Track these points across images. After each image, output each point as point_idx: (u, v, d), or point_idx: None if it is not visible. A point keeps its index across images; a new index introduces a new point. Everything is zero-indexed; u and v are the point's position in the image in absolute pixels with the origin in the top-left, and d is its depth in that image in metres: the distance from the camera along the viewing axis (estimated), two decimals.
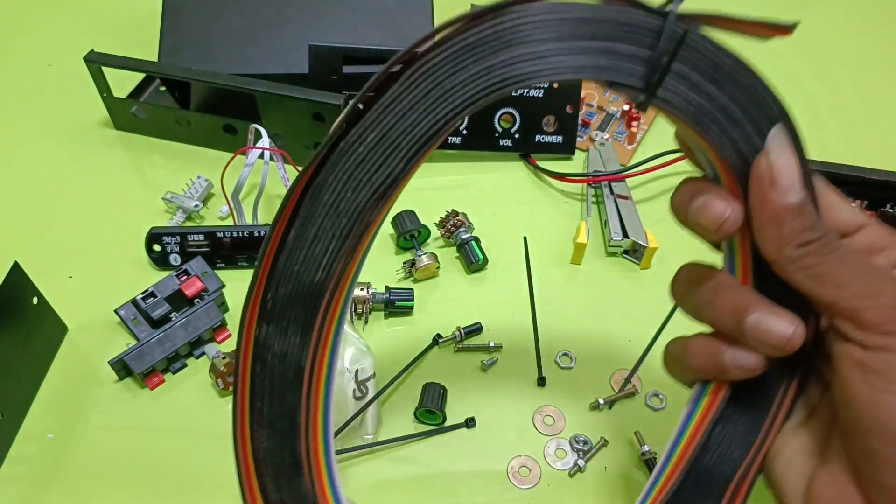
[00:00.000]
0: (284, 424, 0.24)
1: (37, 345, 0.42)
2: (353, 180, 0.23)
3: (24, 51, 0.64)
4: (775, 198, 0.23)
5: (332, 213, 0.23)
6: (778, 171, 0.23)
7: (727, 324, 0.25)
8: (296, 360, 0.24)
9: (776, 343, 0.23)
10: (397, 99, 0.23)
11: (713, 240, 0.26)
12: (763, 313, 0.23)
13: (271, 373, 0.24)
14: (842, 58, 0.64)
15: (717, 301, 0.25)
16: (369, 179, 0.23)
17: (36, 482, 0.38)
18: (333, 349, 0.25)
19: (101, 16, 0.67)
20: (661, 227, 0.50)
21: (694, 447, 0.26)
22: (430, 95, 0.22)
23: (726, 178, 0.24)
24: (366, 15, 0.55)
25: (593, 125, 0.57)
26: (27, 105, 0.59)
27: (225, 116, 0.53)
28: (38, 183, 0.53)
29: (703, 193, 0.24)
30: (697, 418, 0.26)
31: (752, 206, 0.23)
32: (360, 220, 0.23)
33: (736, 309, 0.24)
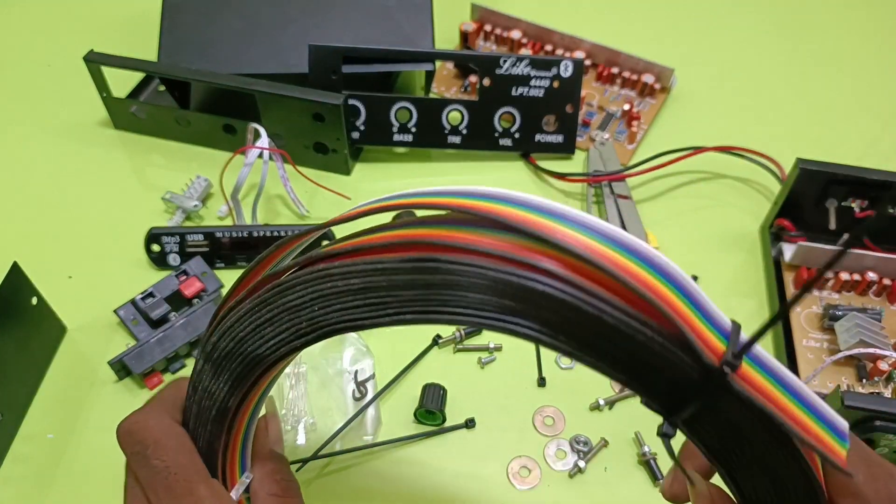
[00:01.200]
0: (204, 447, 0.24)
1: (36, 345, 0.42)
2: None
3: (23, 51, 0.64)
4: None
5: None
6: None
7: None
8: (222, 400, 0.23)
9: None
10: (250, 312, 0.21)
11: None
12: None
13: (199, 400, 0.24)
14: (842, 57, 0.64)
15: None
16: (229, 375, 0.23)
17: (35, 482, 0.38)
18: (260, 400, 0.25)
19: (100, 16, 0.67)
20: (662, 227, 0.50)
21: None
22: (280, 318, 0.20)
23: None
24: (366, 15, 0.54)
25: (593, 125, 0.57)
26: (27, 105, 0.59)
27: (224, 116, 0.53)
28: (37, 183, 0.53)
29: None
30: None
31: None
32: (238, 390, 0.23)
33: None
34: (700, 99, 0.60)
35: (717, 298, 0.46)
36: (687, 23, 0.67)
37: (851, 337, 0.41)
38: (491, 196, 0.18)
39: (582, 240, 0.16)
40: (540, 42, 0.60)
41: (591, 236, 0.17)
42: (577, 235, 0.16)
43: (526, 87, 0.52)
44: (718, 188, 0.53)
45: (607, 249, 0.16)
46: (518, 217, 0.17)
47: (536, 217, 0.17)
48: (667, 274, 0.17)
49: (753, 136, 0.54)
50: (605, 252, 0.16)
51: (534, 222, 0.17)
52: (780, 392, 0.18)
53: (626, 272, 0.16)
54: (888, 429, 0.34)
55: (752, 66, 0.63)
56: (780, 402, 0.18)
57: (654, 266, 0.17)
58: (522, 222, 0.17)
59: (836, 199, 0.46)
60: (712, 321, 0.18)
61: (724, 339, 0.17)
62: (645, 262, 0.17)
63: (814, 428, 0.18)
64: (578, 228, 0.17)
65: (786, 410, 0.18)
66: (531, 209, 0.17)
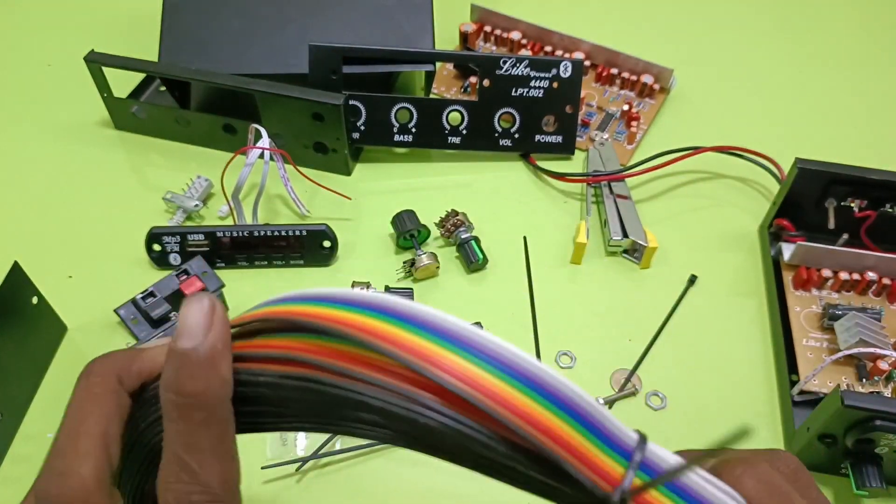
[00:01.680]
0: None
1: (36, 344, 0.42)
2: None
3: (24, 51, 0.64)
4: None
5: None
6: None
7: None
8: (149, 441, 0.20)
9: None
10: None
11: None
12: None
13: (133, 427, 0.20)
14: (840, 57, 0.64)
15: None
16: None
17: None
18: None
19: (101, 16, 0.67)
20: (661, 226, 0.50)
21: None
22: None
23: None
24: (365, 15, 0.55)
25: (593, 125, 0.57)
26: (27, 105, 0.59)
27: (225, 116, 0.53)
28: (38, 182, 0.53)
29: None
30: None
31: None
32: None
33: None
34: (699, 99, 0.60)
35: (717, 298, 0.47)
36: (686, 23, 0.67)
37: (851, 336, 0.41)
38: (371, 307, 0.16)
39: (461, 369, 0.15)
40: (540, 43, 0.60)
41: (473, 360, 0.15)
42: (456, 364, 0.15)
43: (526, 87, 0.52)
44: (718, 188, 0.54)
45: (487, 377, 0.15)
46: (399, 342, 0.16)
47: (416, 339, 0.16)
48: (554, 397, 0.16)
49: (753, 136, 0.54)
50: (484, 382, 0.15)
51: (413, 349, 0.15)
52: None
53: (502, 404, 0.15)
54: (888, 428, 0.34)
55: (751, 66, 0.63)
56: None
57: (538, 389, 0.15)
58: (402, 350, 0.15)
59: (836, 199, 0.46)
60: (612, 442, 0.16)
61: (626, 459, 0.16)
62: (528, 386, 0.15)
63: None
64: (461, 351, 0.15)
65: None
66: (413, 325, 0.16)
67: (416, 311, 0.16)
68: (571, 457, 0.16)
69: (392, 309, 0.16)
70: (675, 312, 0.46)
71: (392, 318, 0.16)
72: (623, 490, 0.16)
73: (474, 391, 0.15)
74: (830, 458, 0.37)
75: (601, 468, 0.16)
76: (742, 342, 0.45)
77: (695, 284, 0.47)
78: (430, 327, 0.16)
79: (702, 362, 0.44)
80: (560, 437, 0.16)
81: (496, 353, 0.16)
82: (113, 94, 0.54)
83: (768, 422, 0.41)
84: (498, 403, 0.15)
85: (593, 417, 0.16)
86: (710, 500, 0.17)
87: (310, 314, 0.17)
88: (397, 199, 0.52)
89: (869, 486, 0.35)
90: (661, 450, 0.17)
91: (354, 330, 0.16)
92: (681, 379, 0.43)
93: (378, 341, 0.16)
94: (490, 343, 0.16)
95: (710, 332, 0.45)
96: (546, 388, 0.16)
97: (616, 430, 0.17)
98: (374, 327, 0.16)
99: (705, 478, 0.18)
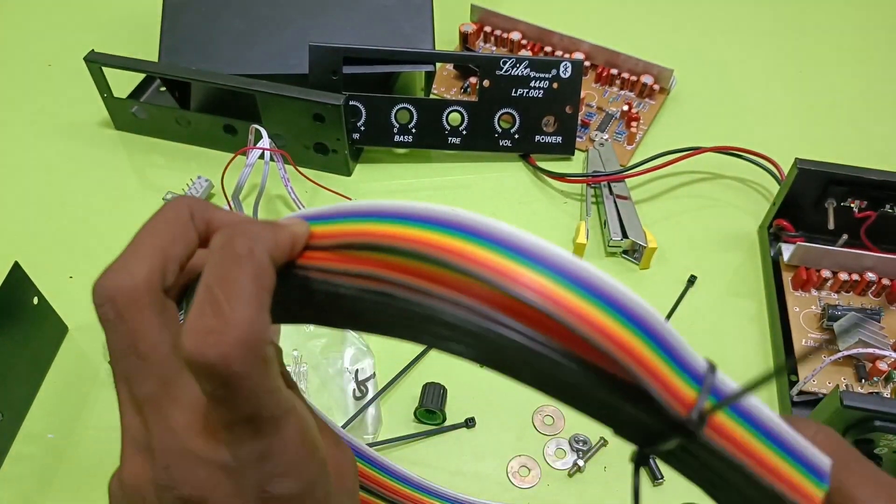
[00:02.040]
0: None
1: (37, 345, 0.42)
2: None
3: (24, 50, 0.64)
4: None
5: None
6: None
7: None
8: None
9: None
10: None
11: None
12: None
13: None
14: (839, 58, 0.64)
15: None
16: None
17: (36, 482, 0.38)
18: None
19: (101, 15, 0.67)
20: (661, 227, 0.51)
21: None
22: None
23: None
24: (366, 16, 0.55)
25: (593, 125, 0.57)
26: (27, 105, 0.59)
27: (225, 117, 0.53)
28: (38, 183, 0.54)
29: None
30: None
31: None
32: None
33: None
34: (699, 100, 0.60)
35: (716, 299, 0.47)
36: (686, 24, 0.67)
37: (850, 337, 0.41)
38: (448, 225, 0.16)
39: (540, 286, 0.15)
40: (539, 43, 0.61)
41: (551, 277, 0.15)
42: (535, 280, 0.15)
43: (526, 88, 0.52)
44: (717, 188, 0.54)
45: (566, 294, 0.15)
46: (477, 260, 0.16)
47: (494, 256, 0.16)
48: (632, 316, 0.16)
49: (752, 137, 0.54)
50: (564, 299, 0.15)
51: (492, 266, 0.16)
52: (754, 438, 0.17)
53: (584, 321, 0.15)
54: (887, 429, 0.34)
55: (751, 66, 0.63)
56: (754, 450, 0.17)
57: (617, 308, 0.16)
58: (481, 268, 0.16)
59: (835, 200, 0.46)
60: (684, 366, 0.16)
61: (698, 385, 0.17)
62: (608, 305, 0.15)
63: (790, 474, 0.18)
64: (539, 268, 0.16)
65: (760, 458, 0.17)
66: (490, 243, 0.16)
67: (497, 229, 0.16)
68: (651, 377, 0.16)
69: (471, 227, 0.16)
70: (674, 313, 0.46)
71: (472, 236, 0.16)
72: (701, 411, 0.16)
73: (559, 308, 0.15)
74: None
75: (677, 391, 0.16)
76: (741, 342, 0.45)
77: (694, 285, 0.47)
78: (512, 246, 0.16)
79: None
80: (640, 357, 0.16)
81: (574, 271, 0.16)
82: (113, 95, 0.55)
83: None
84: (583, 321, 0.15)
85: (668, 340, 0.16)
86: (774, 429, 0.18)
87: (389, 235, 0.17)
88: (397, 199, 0.52)
89: None
90: (728, 379, 0.17)
91: (436, 250, 0.16)
92: None
93: (462, 261, 0.16)
94: (568, 261, 0.16)
95: (709, 333, 0.45)
96: (625, 307, 0.16)
97: (689, 355, 0.17)
98: (454, 247, 0.16)
99: (767, 408, 0.18)
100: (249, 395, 0.16)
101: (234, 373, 0.15)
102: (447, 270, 0.16)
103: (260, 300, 0.16)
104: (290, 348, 0.42)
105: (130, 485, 0.18)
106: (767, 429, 0.18)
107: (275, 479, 0.17)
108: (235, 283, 0.16)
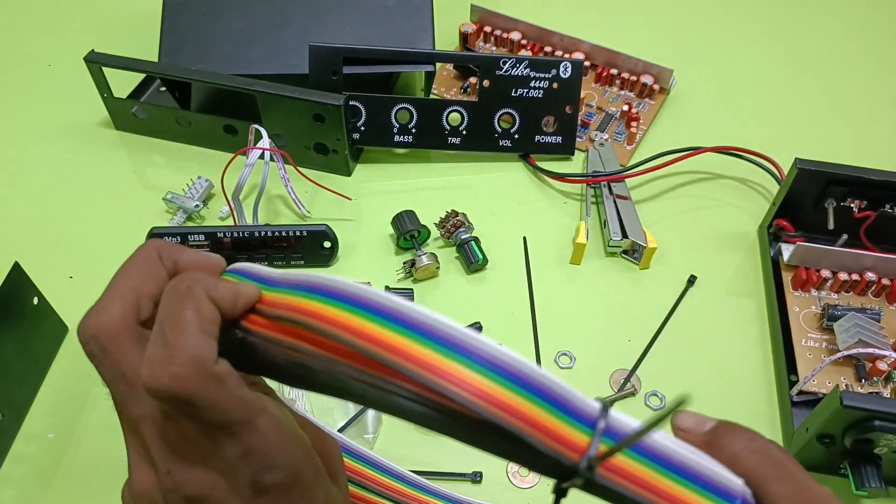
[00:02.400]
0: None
1: (37, 345, 0.42)
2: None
3: (24, 51, 0.64)
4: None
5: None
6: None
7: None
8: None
9: None
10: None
11: None
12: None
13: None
14: (839, 58, 0.64)
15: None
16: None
17: (36, 482, 0.38)
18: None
19: (101, 16, 0.67)
20: (660, 227, 0.51)
21: None
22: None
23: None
24: (366, 15, 0.55)
25: (593, 125, 0.57)
26: (27, 105, 0.59)
27: (225, 117, 0.53)
28: (38, 183, 0.54)
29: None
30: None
31: None
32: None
33: None
34: (699, 100, 0.60)
35: (716, 299, 0.47)
36: (686, 24, 0.67)
37: (850, 337, 0.41)
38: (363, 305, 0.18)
39: (423, 357, 0.17)
40: (539, 43, 0.61)
41: (443, 353, 0.17)
42: (420, 353, 0.17)
43: (525, 88, 0.52)
44: (717, 188, 0.54)
45: (454, 366, 0.17)
46: (389, 347, 0.17)
47: (404, 342, 0.17)
48: (513, 377, 0.17)
49: (752, 137, 0.54)
50: (452, 373, 0.17)
51: (402, 352, 0.17)
52: (656, 472, 0.18)
53: (470, 391, 0.16)
54: (887, 428, 0.34)
55: (750, 66, 0.63)
56: (656, 484, 0.18)
57: (499, 371, 0.17)
58: (394, 356, 0.17)
59: (835, 200, 0.46)
60: (574, 413, 0.17)
61: (591, 429, 0.17)
62: (491, 370, 0.17)
63: (697, 501, 0.18)
64: (423, 339, 0.17)
65: (664, 491, 0.18)
66: (399, 326, 0.17)
67: (399, 312, 0.18)
68: (536, 430, 0.17)
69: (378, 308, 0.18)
70: (674, 313, 0.46)
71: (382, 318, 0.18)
72: (589, 457, 0.17)
73: (439, 378, 0.17)
74: (829, 458, 0.37)
75: (566, 438, 0.17)
76: (741, 342, 0.45)
77: (694, 285, 0.47)
78: (404, 323, 0.17)
79: (701, 363, 0.44)
80: (520, 413, 0.16)
81: (457, 339, 0.17)
82: (113, 95, 0.55)
83: (767, 422, 0.41)
84: (462, 388, 0.16)
85: (551, 391, 0.17)
86: (678, 460, 0.18)
87: (317, 316, 0.18)
88: (397, 199, 0.52)
89: (868, 487, 0.35)
90: (625, 417, 0.18)
91: (344, 333, 0.18)
92: (680, 379, 0.43)
93: (364, 343, 0.17)
94: (450, 329, 0.17)
95: (709, 333, 0.45)
96: (501, 366, 0.17)
97: (578, 401, 0.17)
98: (364, 332, 0.18)
99: (670, 439, 0.18)
100: (212, 406, 0.18)
101: (188, 390, 0.18)
102: (354, 349, 0.18)
103: (201, 329, 0.19)
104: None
105: (140, 491, 0.21)
106: (670, 461, 0.18)
107: (263, 471, 0.20)
108: (178, 317, 0.19)
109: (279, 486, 0.20)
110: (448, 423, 0.17)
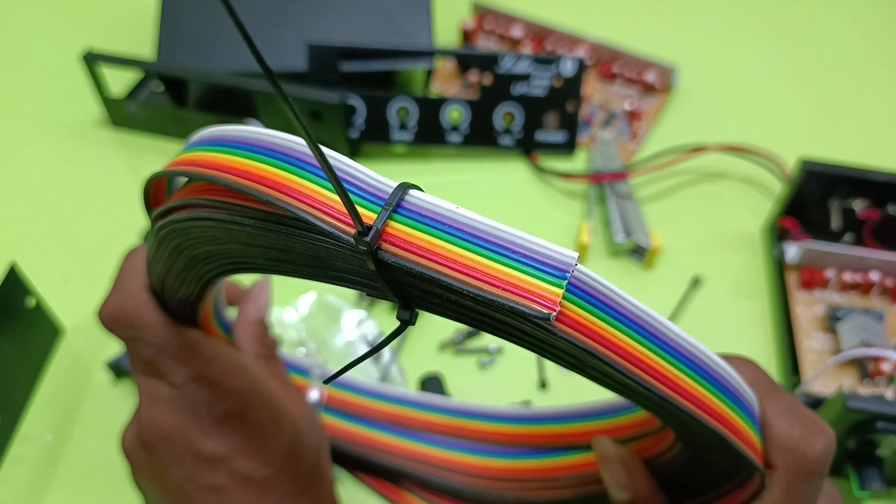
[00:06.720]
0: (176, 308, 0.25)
1: (33, 346, 0.42)
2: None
3: (20, 49, 0.64)
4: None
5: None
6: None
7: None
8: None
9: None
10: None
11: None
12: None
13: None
14: (845, 56, 0.64)
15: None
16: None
17: (33, 484, 0.38)
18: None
19: (98, 14, 0.67)
20: (664, 226, 0.50)
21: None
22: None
23: None
24: (364, 12, 0.54)
25: (595, 123, 0.56)
26: (23, 104, 0.59)
27: (223, 114, 0.53)
28: (34, 182, 0.53)
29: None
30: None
31: None
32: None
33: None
34: (703, 97, 0.59)
35: (720, 299, 0.46)
36: (690, 21, 0.67)
37: (854, 338, 0.41)
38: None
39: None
40: (541, 40, 0.60)
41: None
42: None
43: (527, 85, 0.52)
44: (721, 187, 0.53)
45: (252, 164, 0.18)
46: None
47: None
48: (286, 157, 0.17)
49: (756, 135, 0.54)
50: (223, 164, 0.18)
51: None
52: (450, 244, 0.16)
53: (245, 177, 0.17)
54: (890, 430, 0.33)
55: (755, 64, 0.63)
56: (452, 258, 0.16)
57: (271, 154, 0.18)
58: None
59: (840, 199, 0.45)
60: (363, 192, 0.17)
61: (379, 206, 0.16)
62: (256, 153, 0.18)
63: (512, 276, 0.15)
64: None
65: (470, 268, 0.16)
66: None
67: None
68: (311, 207, 0.16)
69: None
70: (678, 314, 0.46)
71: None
72: (375, 228, 0.16)
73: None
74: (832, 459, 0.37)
75: (357, 216, 0.16)
76: (745, 343, 0.44)
77: (698, 285, 0.47)
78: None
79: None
80: (297, 191, 0.17)
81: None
82: (110, 93, 0.54)
83: None
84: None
85: (339, 170, 0.17)
86: (486, 234, 0.17)
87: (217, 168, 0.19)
88: None
89: (871, 488, 0.35)
90: (429, 196, 0.17)
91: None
92: None
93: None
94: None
95: (713, 334, 0.45)
96: (270, 148, 0.18)
97: (370, 178, 0.17)
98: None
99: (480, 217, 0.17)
100: (141, 341, 0.24)
101: (109, 327, 0.24)
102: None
103: (124, 285, 0.25)
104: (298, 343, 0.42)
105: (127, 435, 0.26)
106: (477, 235, 0.17)
107: (216, 398, 0.24)
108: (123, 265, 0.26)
109: (233, 412, 0.24)
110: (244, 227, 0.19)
